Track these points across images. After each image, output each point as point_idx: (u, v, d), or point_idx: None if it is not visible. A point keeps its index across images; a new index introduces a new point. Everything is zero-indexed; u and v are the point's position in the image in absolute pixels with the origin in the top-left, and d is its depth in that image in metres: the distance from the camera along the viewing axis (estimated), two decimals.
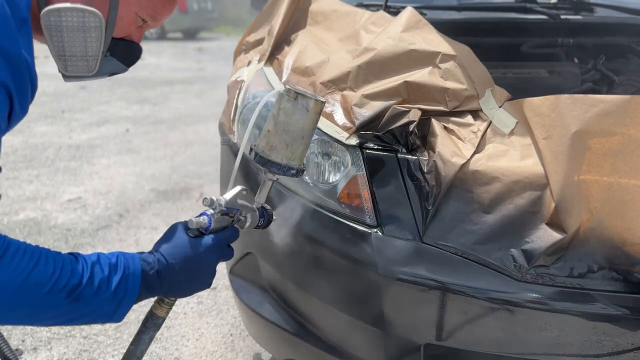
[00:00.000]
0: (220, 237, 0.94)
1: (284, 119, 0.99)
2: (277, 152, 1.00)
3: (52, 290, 0.74)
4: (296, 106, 0.98)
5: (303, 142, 1.00)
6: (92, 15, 0.83)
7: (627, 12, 1.95)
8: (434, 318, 1.13)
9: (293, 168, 1.00)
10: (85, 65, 0.88)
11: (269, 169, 1.01)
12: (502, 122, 1.24)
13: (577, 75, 1.76)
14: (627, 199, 1.07)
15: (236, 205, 0.99)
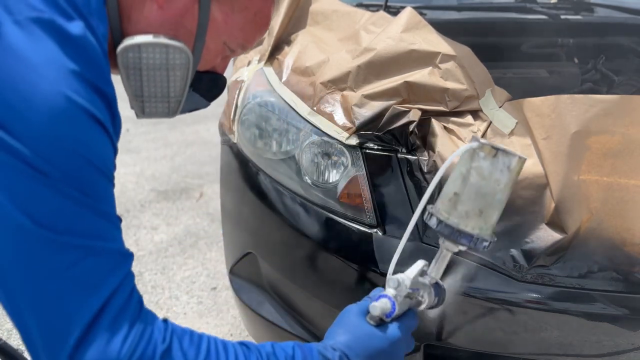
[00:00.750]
0: (405, 325, 0.79)
1: (477, 180, 0.80)
2: (469, 219, 0.81)
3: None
4: (495, 165, 0.79)
5: (499, 209, 0.82)
6: (177, 52, 0.70)
7: (627, 12, 1.95)
8: (434, 318, 1.13)
9: (486, 240, 0.81)
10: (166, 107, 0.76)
11: (458, 241, 0.82)
12: (502, 122, 1.24)
13: (577, 75, 1.76)
14: (627, 199, 1.07)
15: (417, 285, 0.84)
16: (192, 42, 0.73)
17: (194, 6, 0.71)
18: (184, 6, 0.71)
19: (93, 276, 0.59)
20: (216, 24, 0.74)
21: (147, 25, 0.70)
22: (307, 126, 1.34)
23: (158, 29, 0.70)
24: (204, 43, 0.74)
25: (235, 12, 0.75)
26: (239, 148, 1.56)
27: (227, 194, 1.67)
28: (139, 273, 2.50)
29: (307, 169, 1.32)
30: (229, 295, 2.31)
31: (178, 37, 0.72)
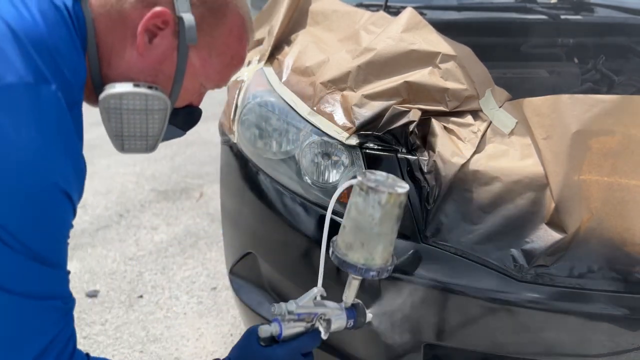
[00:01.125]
0: (292, 345, 0.86)
1: (355, 215, 0.86)
2: (353, 251, 0.87)
3: None
4: (367, 201, 0.84)
5: (381, 241, 0.86)
6: (156, 99, 0.75)
7: (627, 12, 1.95)
8: (434, 318, 1.13)
9: (372, 270, 0.87)
10: (145, 145, 0.81)
11: (346, 270, 0.90)
12: (502, 122, 1.24)
13: (577, 75, 1.76)
14: (627, 199, 1.07)
15: (314, 310, 0.90)
16: (170, 86, 0.77)
17: (173, 53, 0.75)
18: (163, 53, 0.75)
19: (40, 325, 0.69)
20: (194, 68, 0.78)
21: (127, 70, 0.75)
22: (307, 126, 1.34)
23: (138, 74, 0.75)
24: (181, 85, 0.78)
25: (213, 57, 0.79)
26: (239, 148, 1.56)
27: (227, 194, 1.67)
28: (139, 273, 2.50)
29: (307, 169, 1.32)
30: (229, 295, 2.31)
31: (157, 82, 0.76)
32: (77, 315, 2.17)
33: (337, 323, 0.93)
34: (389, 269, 0.90)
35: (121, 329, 2.10)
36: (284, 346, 0.86)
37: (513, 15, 1.88)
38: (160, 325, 2.13)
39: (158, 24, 0.73)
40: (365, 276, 0.88)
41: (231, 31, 0.79)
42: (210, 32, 0.77)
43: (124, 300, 2.28)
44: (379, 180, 0.86)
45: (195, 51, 0.77)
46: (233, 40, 0.80)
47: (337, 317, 0.93)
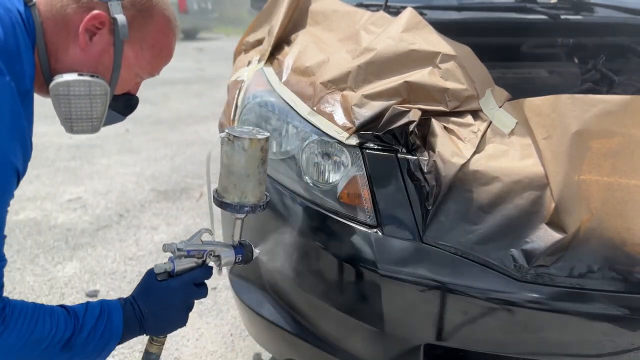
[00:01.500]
0: (185, 278, 1.00)
1: (226, 161, 1.03)
2: (228, 193, 1.04)
3: (49, 345, 0.84)
4: (234, 148, 1.01)
5: (250, 180, 1.03)
6: (98, 85, 0.90)
7: (627, 12, 1.94)
8: (434, 318, 1.13)
9: (246, 205, 1.04)
10: (90, 126, 0.95)
11: (225, 210, 1.06)
12: (502, 122, 1.24)
13: (577, 75, 1.76)
14: (627, 199, 1.07)
15: (202, 247, 1.04)
16: (110, 75, 0.93)
17: (110, 48, 0.91)
18: (102, 48, 0.90)
19: None
20: (128, 60, 0.94)
21: (72, 64, 0.89)
22: (307, 126, 1.34)
23: (81, 67, 0.89)
24: (119, 74, 0.94)
25: (144, 50, 0.95)
26: None
27: None
28: (139, 273, 2.50)
29: (307, 169, 1.32)
30: (229, 295, 2.31)
31: (98, 72, 0.91)
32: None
33: (226, 258, 1.07)
34: (262, 205, 1.07)
35: None
36: (178, 279, 1.00)
37: (513, 15, 1.88)
38: None
39: (96, 25, 0.88)
40: (241, 212, 1.05)
41: (158, 28, 0.95)
42: (140, 29, 0.93)
43: None
44: (243, 131, 1.03)
45: (128, 45, 0.92)
46: (160, 36, 0.96)
47: (225, 254, 1.07)
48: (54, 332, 0.84)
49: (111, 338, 0.91)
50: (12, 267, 2.52)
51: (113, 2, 0.89)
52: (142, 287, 0.99)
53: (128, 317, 0.94)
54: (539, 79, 1.74)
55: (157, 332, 1.01)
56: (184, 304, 1.01)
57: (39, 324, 0.83)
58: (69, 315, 0.88)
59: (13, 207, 3.52)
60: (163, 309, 0.98)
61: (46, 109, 1.18)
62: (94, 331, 0.89)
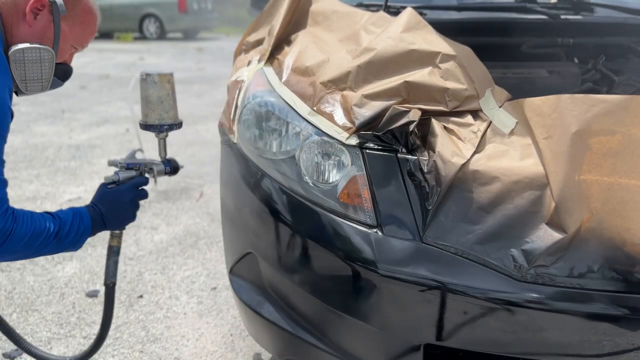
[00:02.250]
0: (129, 184, 1.34)
1: (144, 94, 1.38)
2: (149, 117, 1.39)
3: (46, 236, 1.12)
4: (147, 82, 1.36)
5: (164, 106, 1.38)
6: (46, 51, 1.16)
7: (627, 12, 1.94)
8: (434, 318, 1.13)
9: (165, 124, 1.40)
10: (40, 86, 1.19)
11: (150, 130, 1.40)
12: (502, 122, 1.24)
13: (577, 75, 1.76)
14: (627, 199, 1.07)
15: (138, 161, 1.38)
16: (52, 46, 1.18)
17: (51, 24, 1.18)
18: (44, 25, 1.17)
19: None
20: (65, 33, 1.21)
21: (23, 37, 1.15)
22: (307, 126, 1.34)
23: (30, 39, 1.15)
24: (59, 46, 1.20)
25: (76, 26, 1.23)
26: (239, 148, 1.56)
27: (227, 194, 1.67)
28: (139, 273, 2.50)
29: (307, 169, 1.32)
30: (229, 295, 2.31)
31: (43, 43, 1.17)
32: (77, 315, 2.17)
33: (158, 169, 1.41)
34: (178, 124, 1.44)
35: (121, 329, 2.10)
36: (124, 185, 1.34)
37: (513, 15, 1.88)
38: (160, 325, 2.13)
39: (38, 7, 1.15)
40: (162, 130, 1.41)
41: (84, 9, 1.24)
42: (72, 9, 1.20)
43: (124, 300, 2.28)
44: (153, 71, 1.37)
45: (64, 22, 1.20)
46: (86, 15, 1.25)
47: (157, 166, 1.41)
48: (46, 227, 1.12)
49: (85, 230, 1.21)
50: (12, 267, 2.52)
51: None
52: (98, 194, 1.31)
53: (94, 216, 1.25)
54: (539, 79, 1.74)
55: (115, 226, 1.34)
56: (132, 202, 1.34)
57: (36, 221, 1.11)
58: (53, 216, 1.16)
59: None
60: (116, 208, 1.31)
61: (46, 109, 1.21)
62: (72, 226, 1.18)
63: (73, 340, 2.03)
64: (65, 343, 2.01)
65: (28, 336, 2.03)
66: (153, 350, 1.98)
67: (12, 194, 3.33)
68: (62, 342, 2.01)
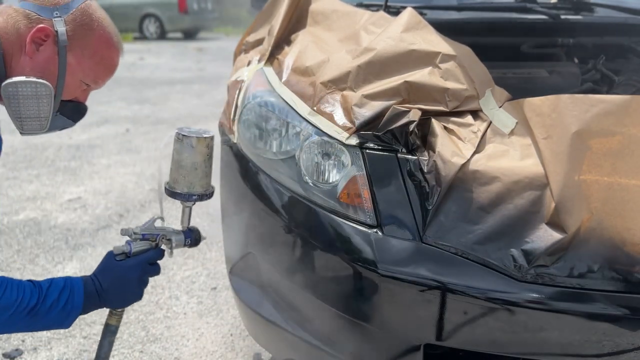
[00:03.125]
0: (140, 258, 1.14)
1: (177, 157, 1.20)
2: (178, 184, 1.20)
3: (16, 311, 0.96)
4: (183, 145, 1.18)
5: (198, 173, 1.19)
6: (42, 86, 1.02)
7: (627, 12, 1.94)
8: (434, 318, 1.13)
9: (194, 195, 1.21)
10: (39, 125, 1.07)
11: (176, 199, 1.22)
12: (502, 122, 1.24)
13: (577, 75, 1.76)
14: (627, 199, 1.07)
15: (155, 231, 1.19)
16: (55, 80, 1.05)
17: (55, 56, 1.04)
18: (47, 57, 1.04)
19: None
20: (72, 67, 1.07)
21: (22, 70, 1.03)
22: (307, 126, 1.34)
23: (30, 72, 1.03)
24: (64, 80, 1.06)
25: (86, 58, 1.08)
26: (239, 148, 1.56)
27: (227, 194, 1.67)
28: None
29: (307, 169, 1.32)
30: (229, 295, 2.31)
31: (44, 77, 1.03)
32: None
33: (177, 241, 1.22)
34: (209, 194, 1.24)
35: (121, 329, 2.09)
36: (134, 259, 1.14)
37: (513, 15, 1.88)
38: (160, 325, 2.13)
39: (42, 37, 1.03)
40: (190, 200, 1.22)
41: (98, 39, 1.10)
42: (82, 39, 1.07)
43: None
44: (191, 130, 1.19)
45: (71, 54, 1.06)
46: (100, 46, 1.10)
47: (176, 237, 1.22)
48: (19, 300, 0.96)
49: (73, 309, 1.04)
50: (12, 267, 2.52)
51: (57, 19, 1.05)
52: (102, 265, 1.12)
53: (89, 292, 1.07)
54: (539, 79, 1.74)
55: (116, 305, 1.15)
56: (140, 280, 1.14)
57: (7, 292, 0.95)
58: (34, 286, 1.00)
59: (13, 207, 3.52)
60: (121, 285, 1.11)
61: None
62: (57, 302, 1.01)
63: (73, 340, 2.03)
64: (65, 343, 2.01)
65: (28, 336, 2.03)
66: (153, 350, 1.98)
67: (12, 194, 3.34)
68: (62, 342, 2.01)
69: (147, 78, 7.91)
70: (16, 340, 2.01)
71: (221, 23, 17.39)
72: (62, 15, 1.06)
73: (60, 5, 1.07)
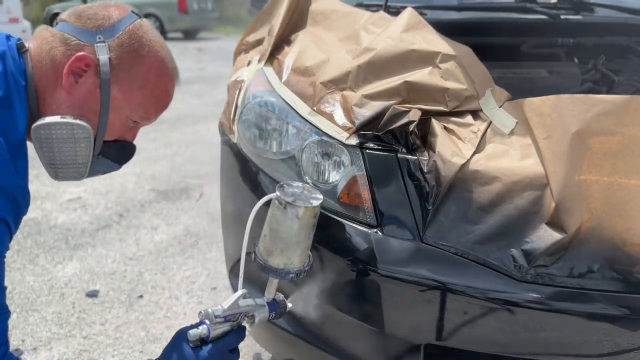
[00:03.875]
0: (219, 345, 0.95)
1: (275, 226, 0.98)
2: (274, 257, 0.99)
3: None
4: (286, 214, 0.96)
5: (299, 247, 1.00)
6: (80, 128, 0.87)
7: (627, 12, 1.94)
8: (434, 318, 1.13)
9: (291, 272, 1.01)
10: (76, 171, 0.91)
11: (268, 274, 1.03)
12: (502, 122, 1.24)
13: (577, 75, 1.76)
14: (627, 199, 1.07)
15: (238, 310, 1.00)
16: (97, 118, 0.89)
17: (96, 90, 0.88)
18: (87, 90, 0.88)
19: None
20: (117, 102, 0.90)
21: (57, 107, 0.87)
22: (307, 126, 1.33)
23: (66, 110, 0.87)
24: (107, 118, 0.90)
25: (134, 91, 0.92)
26: (239, 148, 1.56)
27: (227, 194, 1.67)
28: (139, 273, 2.50)
29: (307, 169, 1.32)
30: (229, 295, 2.30)
31: (83, 115, 0.87)
32: (77, 315, 2.17)
33: (260, 317, 1.05)
34: (306, 269, 1.05)
35: (121, 329, 2.10)
36: (213, 346, 0.94)
37: (513, 15, 1.88)
38: (160, 325, 2.13)
39: (82, 67, 0.87)
40: (285, 278, 1.01)
41: (149, 68, 0.93)
42: (129, 69, 0.91)
43: (124, 300, 2.28)
44: (295, 193, 0.97)
45: (116, 87, 0.90)
46: (152, 76, 0.94)
47: (260, 312, 1.05)
48: None
49: None
50: (12, 267, 2.52)
51: (99, 45, 0.88)
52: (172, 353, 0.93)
53: None
54: (539, 79, 1.74)
55: None
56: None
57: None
58: None
59: None
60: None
61: None
62: None
63: (73, 340, 2.03)
64: (65, 343, 2.01)
65: (28, 336, 2.04)
66: (153, 350, 1.98)
67: None
68: (62, 342, 2.01)
69: None
70: (16, 340, 2.01)
71: (221, 23, 17.39)
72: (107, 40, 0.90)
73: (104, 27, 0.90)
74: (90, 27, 0.89)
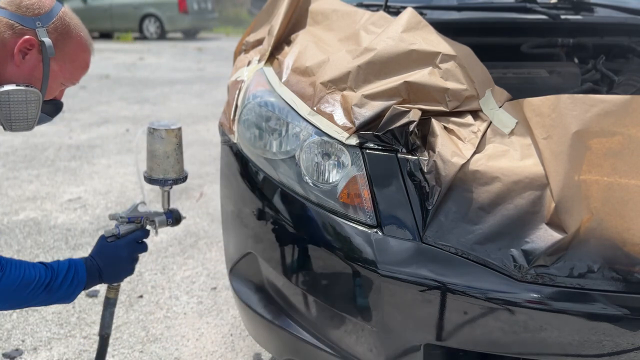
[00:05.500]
0: (128, 238, 1.32)
1: (150, 147, 1.35)
2: (154, 171, 1.36)
3: (35, 287, 1.11)
4: (154, 138, 1.33)
5: (170, 161, 1.35)
6: (32, 93, 1.12)
7: (627, 12, 1.94)
8: (434, 318, 1.13)
9: (169, 179, 1.37)
10: (26, 125, 1.16)
11: (154, 184, 1.38)
12: (502, 122, 1.24)
13: (577, 75, 1.76)
14: (627, 199, 1.07)
15: (139, 214, 1.35)
16: (40, 85, 1.16)
17: (39, 64, 1.15)
18: (33, 65, 1.14)
19: None
20: (55, 73, 1.18)
21: (10, 78, 1.12)
22: (307, 126, 1.34)
23: (18, 79, 1.13)
24: (47, 84, 1.17)
25: (67, 64, 1.20)
26: (239, 148, 1.56)
27: (227, 194, 1.67)
28: (139, 273, 2.50)
29: (307, 169, 1.32)
30: (229, 295, 2.31)
31: (31, 83, 1.14)
32: (77, 315, 2.17)
33: (160, 221, 1.37)
34: (183, 178, 1.39)
35: (121, 329, 2.10)
36: (123, 239, 1.31)
37: (513, 15, 1.88)
38: (160, 325, 2.13)
39: (27, 47, 1.12)
40: (166, 185, 1.37)
41: (77, 46, 1.21)
42: (62, 48, 1.17)
43: (124, 300, 2.28)
44: (160, 123, 1.34)
45: (54, 61, 1.16)
46: (79, 52, 1.21)
47: (159, 218, 1.37)
48: (37, 277, 1.11)
49: (79, 284, 1.20)
50: None
51: (39, 29, 1.14)
52: (97, 247, 1.30)
53: (90, 270, 1.24)
54: (539, 79, 1.74)
55: (112, 280, 1.33)
56: (130, 257, 1.32)
57: (26, 271, 1.10)
58: (46, 267, 1.16)
59: (13, 207, 3.52)
60: (115, 262, 1.29)
61: None
62: (65, 278, 1.17)
63: (73, 340, 2.03)
64: (65, 343, 2.01)
65: (28, 336, 2.04)
66: (153, 350, 1.98)
67: (12, 194, 3.34)
68: (62, 342, 2.01)
69: (147, 78, 7.91)
70: (16, 340, 2.01)
71: (221, 23, 17.38)
72: (44, 25, 1.15)
73: (41, 15, 1.15)
74: (29, 15, 1.14)
